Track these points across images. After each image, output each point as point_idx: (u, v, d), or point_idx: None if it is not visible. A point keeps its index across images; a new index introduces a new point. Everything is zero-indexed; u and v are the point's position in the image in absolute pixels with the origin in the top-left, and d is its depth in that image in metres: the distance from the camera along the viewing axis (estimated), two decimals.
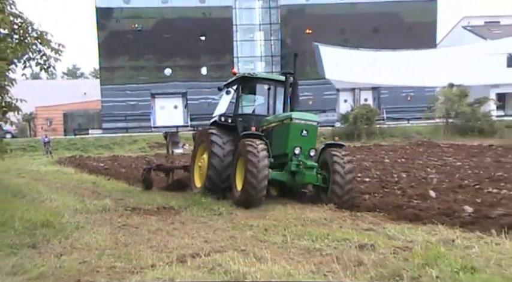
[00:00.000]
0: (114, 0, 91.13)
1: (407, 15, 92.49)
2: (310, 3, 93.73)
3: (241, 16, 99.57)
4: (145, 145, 59.12)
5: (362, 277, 8.02)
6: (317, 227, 11.86)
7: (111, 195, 19.85)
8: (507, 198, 14.64)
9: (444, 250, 8.77)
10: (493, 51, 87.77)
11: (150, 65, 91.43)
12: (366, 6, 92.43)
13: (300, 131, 15.17)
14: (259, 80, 17.90)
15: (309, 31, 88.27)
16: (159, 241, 11.34)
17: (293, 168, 14.96)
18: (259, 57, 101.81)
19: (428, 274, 7.68)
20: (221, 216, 14.40)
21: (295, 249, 10.08)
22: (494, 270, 7.76)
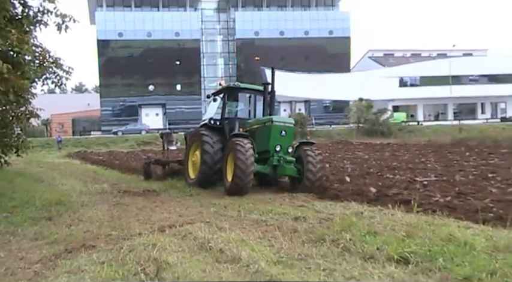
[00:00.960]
0: (111, 34, 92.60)
1: (329, 48, 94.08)
2: (258, 38, 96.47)
3: (206, 46, 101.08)
4: (134, 143, 58.66)
5: (296, 240, 8.03)
6: (263, 205, 11.87)
7: (108, 181, 19.75)
8: (399, 182, 14.91)
9: (355, 220, 8.79)
10: (389, 75, 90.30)
11: (137, 82, 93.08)
12: (300, 40, 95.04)
13: (279, 131, 14.52)
14: (242, 90, 17.02)
15: (257, 58, 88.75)
16: (144, 215, 11.28)
17: (275, 162, 14.30)
18: (220, 77, 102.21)
19: (344, 237, 7.68)
20: (191, 197, 14.37)
21: (247, 221, 10.06)
22: (390, 233, 7.84)
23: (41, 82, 15.30)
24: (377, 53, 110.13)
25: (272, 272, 6.14)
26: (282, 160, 14.22)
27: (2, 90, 11.03)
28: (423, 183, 14.27)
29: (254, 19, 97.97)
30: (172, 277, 6.10)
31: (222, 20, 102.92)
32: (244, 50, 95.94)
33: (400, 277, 5.98)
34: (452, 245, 6.88)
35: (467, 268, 6.03)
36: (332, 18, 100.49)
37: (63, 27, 12.82)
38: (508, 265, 6.02)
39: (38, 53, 14.10)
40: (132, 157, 33.90)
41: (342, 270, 6.27)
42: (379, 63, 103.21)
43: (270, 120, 14.69)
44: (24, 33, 12.44)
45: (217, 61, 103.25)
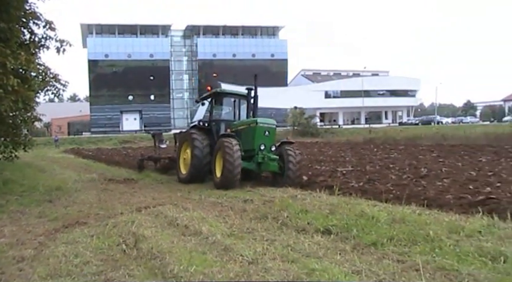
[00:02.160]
0: (99, 56, 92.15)
1: (271, 67, 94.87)
2: (216, 59, 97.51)
3: (175, 65, 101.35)
4: (117, 141, 57.66)
5: (245, 218, 8.05)
6: (219, 190, 11.86)
7: (96, 171, 19.39)
8: (325, 171, 14.96)
9: (291, 201, 8.87)
10: (317, 89, 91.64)
11: (120, 93, 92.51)
12: (248, 61, 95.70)
13: (263, 131, 13.11)
14: (228, 95, 15.49)
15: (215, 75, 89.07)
16: (125, 199, 11.13)
17: (259, 160, 12.87)
18: (185, 89, 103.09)
19: (282, 215, 7.75)
20: (163, 184, 14.28)
21: (206, 203, 10.02)
22: (317, 211, 7.89)
23: (43, 93, 15.13)
24: (308, 72, 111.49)
25: (226, 242, 6.16)
26: (266, 158, 12.88)
27: (13, 99, 11.23)
28: (342, 172, 14.43)
29: (212, 44, 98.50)
30: (148, 247, 6.07)
31: (187, 45, 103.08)
32: (205, 68, 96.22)
33: (324, 244, 6.08)
34: (363, 219, 7.02)
35: (373, 236, 6.19)
36: (273, 45, 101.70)
37: (61, 50, 12.91)
38: (401, 232, 6.21)
39: (41, 70, 13.95)
40: (115, 153, 33.34)
41: (280, 240, 6.32)
42: (310, 80, 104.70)
43: (254, 121, 13.33)
44: (31, 54, 12.52)
45: (183, 77, 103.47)
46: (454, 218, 7.16)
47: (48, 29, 12.93)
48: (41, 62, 14.29)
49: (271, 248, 5.90)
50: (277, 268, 5.04)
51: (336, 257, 5.46)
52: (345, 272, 4.90)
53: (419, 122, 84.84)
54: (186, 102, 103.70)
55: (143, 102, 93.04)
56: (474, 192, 9.51)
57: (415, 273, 4.80)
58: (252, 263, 5.29)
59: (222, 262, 5.38)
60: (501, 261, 4.98)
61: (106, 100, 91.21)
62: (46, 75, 14.17)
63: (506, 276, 4.55)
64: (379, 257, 5.44)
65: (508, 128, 31.46)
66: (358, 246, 5.92)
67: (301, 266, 5.08)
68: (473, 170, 13.80)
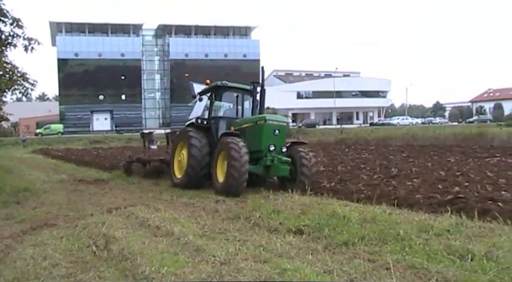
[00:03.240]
0: (69, 54, 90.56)
1: (243, 68, 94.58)
2: (188, 59, 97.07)
3: (146, 65, 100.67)
4: (87, 142, 56.78)
5: (217, 218, 8.03)
6: (191, 191, 11.79)
7: (66, 172, 19.09)
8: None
9: (263, 202, 8.92)
10: (289, 90, 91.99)
11: (90, 93, 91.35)
12: (220, 61, 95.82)
13: (273, 130, 11.50)
14: (229, 89, 13.70)
15: (187, 75, 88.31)
16: (96, 199, 10.97)
17: (268, 162, 11.24)
18: (157, 89, 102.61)
19: (254, 215, 7.77)
20: (134, 185, 14.08)
21: (178, 203, 9.95)
22: (289, 211, 7.94)
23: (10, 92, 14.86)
24: (280, 72, 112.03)
25: (198, 243, 6.14)
26: (275, 160, 11.27)
27: None
28: None
29: (184, 44, 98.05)
30: (118, 248, 6.00)
31: (159, 44, 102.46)
32: (177, 68, 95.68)
33: (296, 244, 6.11)
34: (335, 219, 7.08)
35: (345, 235, 6.25)
36: (246, 45, 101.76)
37: (30, 48, 12.64)
38: (372, 232, 6.30)
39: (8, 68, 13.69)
40: (85, 153, 32.82)
41: (252, 241, 6.33)
42: (282, 80, 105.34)
43: (263, 118, 11.74)
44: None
45: (155, 77, 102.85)
46: (424, 217, 7.29)
47: (15, 26, 12.69)
48: (8, 61, 14.02)
49: (244, 249, 5.90)
50: (250, 268, 5.05)
51: (307, 257, 5.49)
52: (316, 271, 4.93)
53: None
54: (158, 102, 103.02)
55: (114, 102, 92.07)
56: (443, 191, 9.69)
57: (385, 272, 4.86)
58: (224, 263, 5.28)
59: (194, 263, 5.36)
60: (468, 259, 5.09)
61: (76, 100, 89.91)
62: (13, 74, 13.94)
63: (473, 273, 4.65)
64: (351, 256, 5.49)
65: (475, 129, 32.14)
66: (329, 246, 5.96)
67: (273, 266, 5.10)
68: (442, 170, 14.04)
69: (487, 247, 5.41)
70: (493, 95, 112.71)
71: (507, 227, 6.56)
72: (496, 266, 4.76)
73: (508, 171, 13.21)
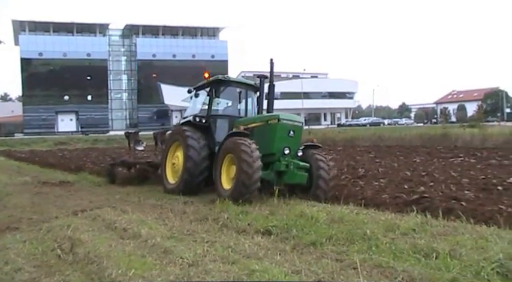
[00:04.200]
0: (32, 54, 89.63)
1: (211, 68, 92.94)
2: (155, 59, 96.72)
3: (113, 65, 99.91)
4: (52, 143, 55.61)
5: (185, 220, 7.96)
6: (159, 192, 11.69)
7: (29, 174, 18.54)
8: None
9: (232, 203, 8.90)
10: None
11: (55, 94, 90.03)
12: (188, 62, 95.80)
13: (287, 131, 10.15)
14: (232, 84, 12.32)
15: (155, 75, 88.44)
16: (61, 202, 10.66)
17: (282, 168, 9.82)
18: (124, 90, 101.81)
19: (223, 216, 7.75)
20: (100, 187, 13.78)
21: (146, 205, 9.81)
22: (258, 212, 7.96)
23: None
24: (248, 73, 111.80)
25: (166, 245, 6.08)
26: (291, 165, 9.88)
27: None
28: None
29: (152, 44, 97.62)
30: (84, 251, 5.90)
31: (126, 44, 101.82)
32: (144, 68, 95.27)
33: (265, 245, 6.12)
34: (303, 219, 7.13)
35: (313, 236, 6.29)
36: (214, 46, 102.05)
37: None
38: (340, 231, 6.37)
39: None
40: (50, 155, 32.16)
41: (221, 242, 6.31)
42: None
43: (276, 117, 10.33)
44: None
45: (122, 77, 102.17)
46: (390, 217, 7.41)
47: None
48: None
49: (212, 250, 5.87)
50: (218, 270, 5.03)
51: (276, 258, 5.50)
52: (285, 272, 4.94)
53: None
54: (125, 103, 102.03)
55: (80, 103, 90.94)
56: (409, 191, 9.88)
57: (352, 271, 4.91)
58: (192, 265, 5.25)
59: (161, 265, 5.31)
60: (433, 257, 5.19)
61: (40, 100, 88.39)
62: None
63: (438, 271, 4.75)
64: (318, 256, 5.53)
65: (440, 130, 32.76)
66: (297, 246, 6.00)
67: (241, 267, 5.10)
68: (408, 170, 14.28)
69: (451, 245, 5.53)
70: (457, 96, 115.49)
71: (470, 226, 6.72)
72: (460, 264, 4.87)
73: (471, 171, 13.55)
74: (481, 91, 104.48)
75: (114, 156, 20.07)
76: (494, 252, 5.09)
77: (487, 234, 6.16)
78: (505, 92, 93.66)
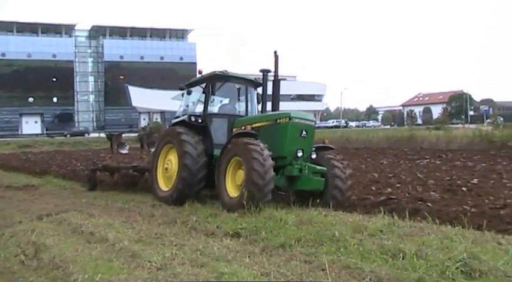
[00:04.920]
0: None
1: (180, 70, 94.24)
2: (123, 61, 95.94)
3: (79, 66, 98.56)
4: (16, 146, 54.33)
5: (153, 223, 7.90)
6: (126, 195, 11.57)
7: None
8: None
9: (201, 205, 8.97)
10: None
11: (19, 95, 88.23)
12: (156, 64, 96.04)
13: (299, 131, 9.12)
14: (231, 79, 11.05)
15: (122, 77, 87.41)
16: (25, 206, 10.48)
17: (295, 172, 8.84)
18: (91, 91, 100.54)
19: (191, 219, 7.75)
20: (66, 190, 13.60)
21: (113, 208, 9.70)
22: (227, 215, 7.94)
23: None
24: None
25: (134, 249, 6.01)
26: (305, 169, 8.94)
27: None
28: None
29: (119, 46, 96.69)
30: (49, 256, 5.80)
31: (93, 46, 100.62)
32: (111, 70, 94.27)
33: (234, 247, 6.12)
34: (272, 221, 7.14)
35: (282, 237, 6.31)
36: (182, 48, 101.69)
37: None
38: (309, 233, 6.38)
39: None
40: (13, 158, 31.42)
41: (189, 245, 6.28)
42: None
43: (286, 116, 9.25)
44: None
45: (88, 79, 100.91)
46: (358, 218, 7.50)
47: None
48: None
49: (181, 253, 5.84)
50: (187, 273, 5.00)
51: (245, 260, 5.50)
52: (254, 274, 4.95)
53: None
54: (92, 105, 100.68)
55: (45, 105, 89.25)
56: (376, 193, 10.03)
57: (321, 272, 4.95)
58: (160, 268, 5.21)
59: (129, 269, 5.25)
60: (400, 257, 5.27)
61: (3, 102, 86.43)
62: None
63: (405, 271, 4.82)
64: (287, 258, 5.55)
65: (406, 132, 33.33)
66: (266, 248, 6.01)
67: (210, 270, 5.08)
68: (375, 171, 14.49)
69: (417, 246, 5.62)
70: (423, 99, 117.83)
71: (435, 226, 6.86)
72: (426, 264, 4.96)
73: (436, 172, 13.84)
74: (445, 94, 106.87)
75: (95, 160, 18.86)
76: (459, 251, 5.20)
77: (452, 234, 6.30)
78: (469, 95, 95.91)
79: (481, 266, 4.83)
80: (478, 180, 11.79)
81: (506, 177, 12.31)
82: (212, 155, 10.14)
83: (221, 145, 9.78)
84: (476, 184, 11.19)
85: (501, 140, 23.43)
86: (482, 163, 16.35)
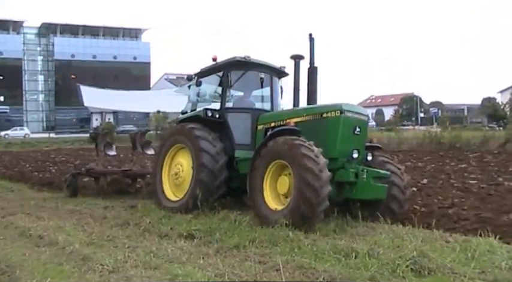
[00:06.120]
0: None
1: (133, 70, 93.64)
2: (74, 60, 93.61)
3: (28, 65, 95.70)
4: None
5: (105, 225, 7.77)
6: (78, 197, 11.31)
7: None
8: None
9: (154, 207, 8.86)
10: (181, 93, 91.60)
11: None
12: (109, 63, 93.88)
13: (352, 127, 7.62)
14: (253, 66, 9.23)
15: (73, 76, 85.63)
16: None
17: (351, 178, 7.30)
18: (40, 91, 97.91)
19: (145, 221, 7.66)
20: (13, 192, 13.16)
21: (63, 211, 9.45)
22: (181, 216, 7.85)
23: None
24: (171, 75, 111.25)
25: (85, 252, 5.89)
26: (365, 174, 7.33)
27: None
28: None
29: (71, 44, 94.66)
30: None
31: (43, 43, 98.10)
32: (62, 69, 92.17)
33: (188, 249, 6.07)
34: (226, 223, 7.15)
35: (236, 238, 6.31)
36: (136, 47, 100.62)
37: None
38: (263, 234, 6.42)
39: None
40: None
41: (143, 247, 6.19)
42: (173, 84, 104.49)
43: (337, 109, 7.62)
44: None
45: (38, 78, 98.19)
46: None
47: None
48: None
49: (133, 255, 5.75)
50: (140, 275, 4.94)
51: (199, 262, 5.47)
52: (208, 275, 4.93)
53: None
54: (42, 105, 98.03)
55: None
56: None
57: (275, 273, 4.97)
58: (112, 271, 5.12)
59: (80, 272, 5.14)
60: (353, 257, 5.36)
61: None
62: None
63: (357, 270, 4.91)
64: (242, 259, 5.56)
65: None
66: (221, 249, 6.00)
67: (164, 272, 5.03)
68: None
69: (369, 245, 5.73)
70: (375, 101, 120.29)
71: (387, 226, 7.06)
72: (377, 262, 5.06)
73: None
74: (397, 96, 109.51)
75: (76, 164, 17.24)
76: (409, 250, 5.35)
77: (402, 233, 6.50)
78: (419, 97, 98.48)
79: (430, 263, 4.99)
80: (428, 181, 12.19)
81: (454, 178, 12.76)
82: (233, 156, 8.73)
83: (243, 145, 8.76)
84: (426, 184, 11.59)
85: (449, 141, 24.21)
86: (432, 164, 16.85)
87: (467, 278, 4.63)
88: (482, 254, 5.47)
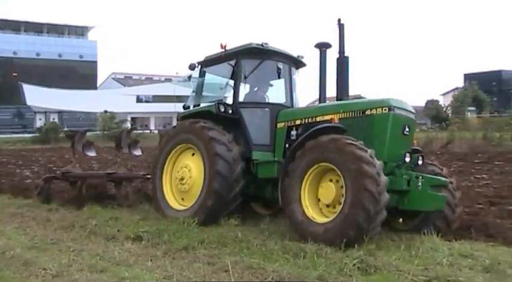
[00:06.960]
0: None
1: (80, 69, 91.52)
2: (17, 57, 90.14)
3: None
4: None
5: (49, 228, 7.56)
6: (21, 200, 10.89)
7: None
8: None
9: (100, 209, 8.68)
10: (129, 93, 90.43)
11: None
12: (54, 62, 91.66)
13: (402, 127, 6.66)
14: (270, 55, 8.14)
15: (15, 74, 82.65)
16: None
17: (403, 186, 6.31)
18: None
19: (91, 223, 7.48)
20: None
21: (4, 214, 9.10)
22: (129, 218, 7.85)
23: None
24: (119, 75, 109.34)
25: (27, 256, 5.70)
26: (420, 182, 6.29)
27: None
28: None
29: (12, 41, 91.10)
30: None
31: None
32: (3, 67, 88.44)
33: (135, 251, 5.98)
34: (175, 224, 7.07)
35: (185, 240, 6.28)
36: (82, 45, 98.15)
37: None
38: (212, 235, 6.41)
39: None
40: None
41: (88, 250, 6.07)
42: (121, 83, 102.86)
43: (385, 105, 6.60)
44: None
45: None
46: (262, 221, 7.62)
47: None
48: None
49: (79, 259, 5.62)
50: (85, 279, 4.83)
51: (147, 264, 5.40)
52: (156, 277, 4.88)
53: None
54: None
55: None
56: None
57: (224, 274, 4.97)
58: (56, 276, 4.97)
59: (21, 278, 4.97)
60: (301, 257, 5.42)
61: None
62: None
63: (306, 270, 4.96)
64: (191, 260, 5.52)
65: None
66: (169, 251, 5.94)
67: (110, 275, 4.94)
68: None
69: (318, 245, 5.79)
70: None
71: None
72: (325, 262, 5.14)
73: None
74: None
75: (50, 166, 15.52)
76: (356, 249, 5.46)
77: None
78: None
79: (376, 262, 5.11)
80: None
81: None
82: (250, 158, 7.74)
83: (260, 146, 7.84)
84: None
85: None
86: None
87: (411, 275, 4.75)
88: (425, 251, 5.65)
